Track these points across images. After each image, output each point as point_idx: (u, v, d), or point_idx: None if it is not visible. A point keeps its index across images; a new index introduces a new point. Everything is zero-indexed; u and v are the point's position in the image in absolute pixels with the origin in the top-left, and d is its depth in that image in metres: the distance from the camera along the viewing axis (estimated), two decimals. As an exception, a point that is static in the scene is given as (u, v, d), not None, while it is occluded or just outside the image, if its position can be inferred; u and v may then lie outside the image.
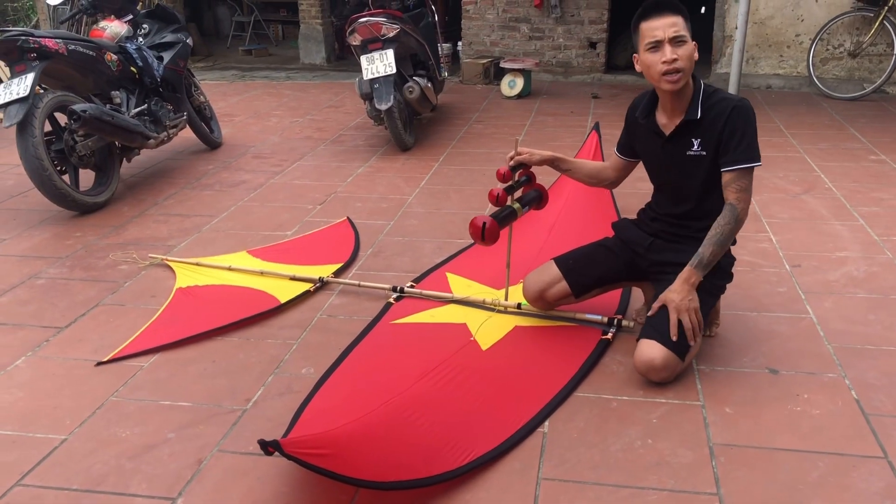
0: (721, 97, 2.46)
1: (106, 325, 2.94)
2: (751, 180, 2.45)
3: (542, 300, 2.78)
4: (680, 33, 2.36)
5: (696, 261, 2.42)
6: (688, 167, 2.51)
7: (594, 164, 2.94)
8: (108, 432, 2.28)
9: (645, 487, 2.00)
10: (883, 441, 2.16)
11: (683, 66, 2.37)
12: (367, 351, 2.69)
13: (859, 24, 6.93)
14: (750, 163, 2.41)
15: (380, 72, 4.98)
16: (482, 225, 2.57)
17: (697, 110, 2.44)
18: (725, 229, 2.41)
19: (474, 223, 2.59)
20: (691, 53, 2.39)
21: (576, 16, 7.86)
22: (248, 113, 6.84)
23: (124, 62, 4.52)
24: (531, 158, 2.75)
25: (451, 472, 2.02)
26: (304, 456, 1.83)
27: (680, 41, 2.37)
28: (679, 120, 2.48)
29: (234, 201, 4.39)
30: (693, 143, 2.48)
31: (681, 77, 2.38)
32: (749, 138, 2.41)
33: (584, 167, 2.90)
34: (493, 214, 2.64)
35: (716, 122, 2.42)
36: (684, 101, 2.46)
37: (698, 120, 2.45)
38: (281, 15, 11.77)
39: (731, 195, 2.44)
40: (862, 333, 2.76)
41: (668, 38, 2.36)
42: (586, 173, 2.89)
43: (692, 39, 2.41)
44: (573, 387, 2.45)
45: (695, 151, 2.48)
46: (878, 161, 4.89)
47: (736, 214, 2.42)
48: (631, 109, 2.69)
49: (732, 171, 2.42)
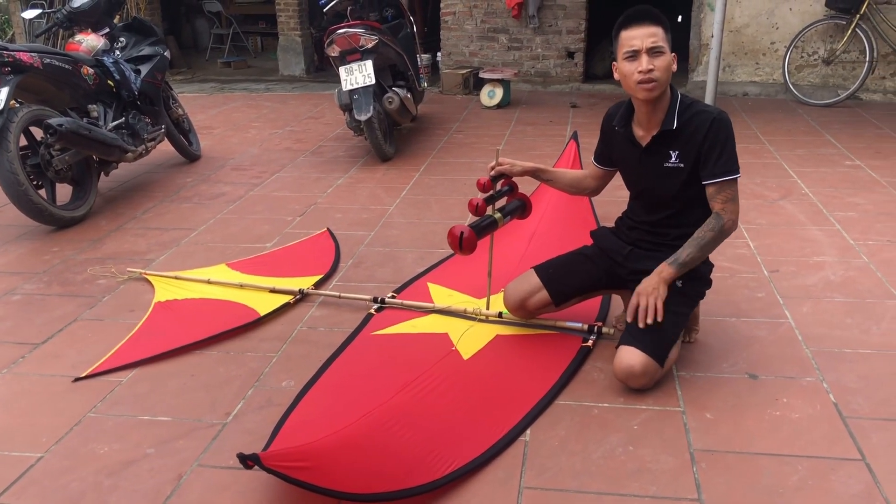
0: (699, 109, 2.47)
1: (84, 341, 2.91)
2: (736, 191, 2.46)
3: (523, 309, 2.79)
4: (658, 44, 2.37)
5: (673, 258, 2.45)
6: (665, 178, 2.52)
7: (575, 174, 2.95)
8: (85, 449, 2.25)
9: (627, 494, 2.00)
10: (861, 444, 2.18)
11: (659, 76, 2.38)
12: (348, 362, 2.68)
13: (832, 31, 7.03)
14: (731, 175, 2.42)
15: (359, 83, 4.99)
16: (460, 234, 2.57)
17: (674, 121, 2.45)
18: (708, 236, 2.43)
19: (452, 232, 2.59)
20: (668, 64, 2.40)
21: (553, 26, 7.91)
22: (227, 125, 6.82)
23: (101, 75, 4.49)
24: (512, 169, 2.76)
25: (433, 482, 2.02)
26: (285, 469, 1.82)
27: (657, 52, 2.37)
28: (655, 131, 2.49)
29: (213, 214, 4.37)
30: (671, 154, 2.49)
31: (655, 86, 2.39)
32: (729, 151, 2.42)
33: (564, 177, 2.91)
34: (473, 224, 2.64)
35: (695, 135, 2.43)
36: (660, 111, 2.48)
37: (675, 131, 2.46)
38: (260, 27, 11.76)
39: (717, 205, 2.45)
40: (839, 337, 2.78)
41: (645, 49, 2.37)
42: (567, 183, 2.90)
43: (672, 51, 2.42)
44: (554, 395, 2.45)
45: (672, 164, 2.49)
46: (854, 166, 4.95)
47: (721, 224, 2.43)
48: (607, 119, 2.71)
49: (715, 184, 2.44)
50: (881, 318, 2.91)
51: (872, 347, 2.71)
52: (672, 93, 2.49)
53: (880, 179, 4.64)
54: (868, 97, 7.10)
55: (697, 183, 2.48)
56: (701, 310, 2.79)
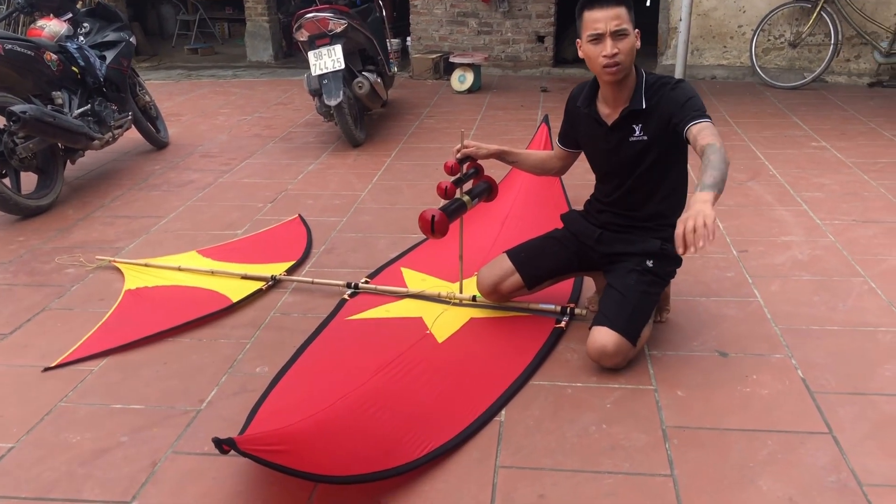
0: (661, 83, 2.48)
1: (53, 331, 2.88)
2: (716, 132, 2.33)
3: (496, 293, 2.80)
4: (622, 26, 2.37)
5: (703, 184, 2.16)
6: (630, 154, 2.53)
7: (540, 155, 2.97)
8: (57, 438, 2.23)
9: (601, 471, 2.03)
10: (828, 418, 2.22)
11: (623, 59, 2.38)
12: (323, 348, 2.67)
13: (798, 15, 7.10)
14: (704, 119, 2.33)
15: (328, 67, 4.95)
16: (431, 218, 2.58)
17: (642, 100, 2.46)
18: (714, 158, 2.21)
19: (423, 217, 2.60)
20: (632, 46, 2.40)
21: (523, 10, 7.91)
22: (194, 112, 6.74)
23: (65, 62, 4.41)
24: (478, 152, 2.77)
25: (410, 463, 2.03)
26: (261, 453, 1.82)
27: (621, 34, 2.37)
28: (622, 108, 2.50)
29: (183, 201, 4.33)
30: (635, 129, 2.50)
31: (620, 69, 2.40)
32: (695, 100, 2.38)
33: (529, 158, 2.93)
34: (443, 207, 2.64)
35: (658, 106, 2.45)
36: (626, 90, 2.49)
37: (643, 109, 2.47)
38: (227, 13, 11.59)
39: (708, 138, 2.27)
40: (807, 315, 2.83)
41: (609, 32, 2.37)
42: (532, 164, 2.92)
43: (635, 28, 2.42)
44: (528, 375, 2.47)
45: (637, 137, 2.50)
46: (820, 148, 5.02)
47: (717, 146, 2.23)
48: (571, 100, 2.71)
49: (696, 125, 2.32)
50: (847, 295, 2.97)
51: (839, 324, 2.76)
52: (637, 72, 2.50)
53: (845, 160, 4.71)
54: (833, 80, 7.20)
55: (661, 154, 2.49)
56: (672, 290, 2.83)
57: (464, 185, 2.80)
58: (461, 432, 2.18)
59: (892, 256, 3.30)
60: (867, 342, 2.63)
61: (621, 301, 2.48)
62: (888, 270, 3.17)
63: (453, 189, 2.71)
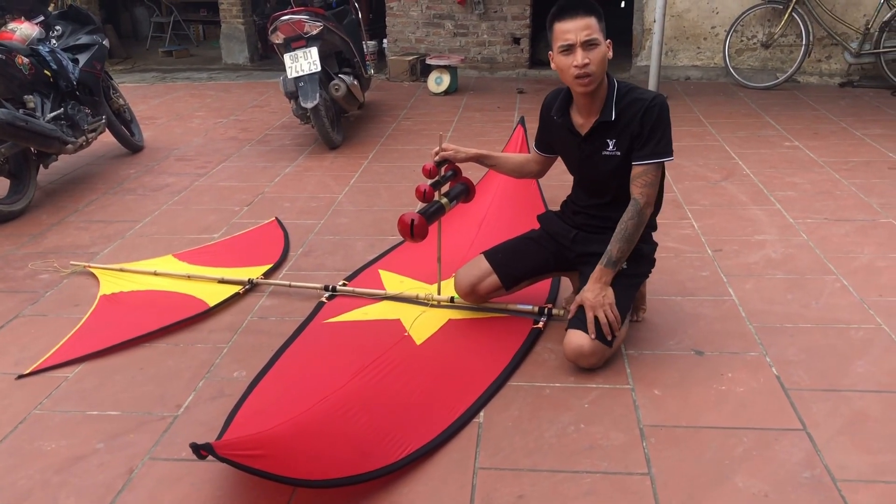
0: (635, 97, 2.48)
1: (26, 337, 2.84)
2: (658, 175, 2.49)
3: (474, 294, 2.80)
4: (592, 36, 2.37)
5: (606, 259, 2.48)
6: (604, 166, 2.56)
7: (518, 158, 2.97)
8: (32, 446, 2.20)
9: (579, 471, 2.04)
10: (802, 414, 2.25)
11: (594, 69, 2.39)
12: (300, 351, 2.67)
13: (770, 15, 7.19)
14: (660, 158, 2.46)
15: (304, 70, 4.94)
16: (410, 222, 2.58)
17: (612, 112, 2.48)
18: (629, 225, 2.46)
19: (402, 220, 2.60)
20: (604, 56, 2.41)
21: (499, 12, 7.93)
22: (170, 115, 6.69)
23: (37, 65, 4.36)
24: (456, 156, 2.77)
25: (389, 465, 2.03)
26: (238, 458, 1.81)
27: (592, 44, 2.38)
28: (594, 119, 2.52)
29: (158, 205, 4.30)
30: (608, 143, 2.52)
31: (591, 80, 2.42)
32: (661, 134, 2.44)
33: (508, 161, 2.93)
34: (421, 210, 2.65)
35: (631, 123, 2.46)
36: (598, 101, 2.50)
37: (613, 121, 2.49)
38: (201, 15, 11.53)
39: (636, 189, 2.48)
40: (781, 313, 2.87)
41: (580, 42, 2.37)
42: (511, 167, 2.93)
43: (607, 38, 2.43)
44: (507, 376, 2.48)
45: (610, 152, 2.52)
46: (793, 147, 5.08)
47: (638, 209, 2.46)
48: (545, 108, 2.72)
49: (640, 166, 2.47)
50: (820, 293, 3.01)
51: (812, 321, 2.80)
52: (609, 81, 2.51)
53: (818, 160, 4.77)
54: (805, 80, 7.29)
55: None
56: (648, 289, 2.85)
57: (442, 187, 2.81)
58: (440, 434, 2.19)
59: (864, 254, 3.35)
60: (839, 339, 2.67)
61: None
62: (860, 268, 3.21)
63: (431, 192, 2.72)
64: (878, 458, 2.06)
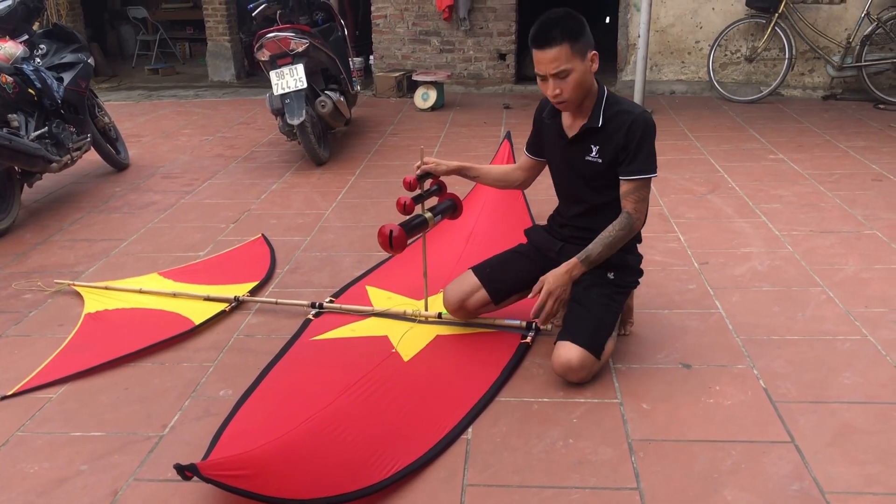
0: (622, 109, 2.50)
1: (9, 358, 2.81)
2: (648, 191, 2.52)
3: (463, 309, 2.80)
4: (561, 68, 2.37)
5: (584, 255, 2.49)
6: (585, 171, 2.58)
7: (502, 168, 2.98)
8: (14, 469, 2.17)
9: (568, 487, 2.03)
10: (790, 426, 2.25)
11: (568, 97, 2.43)
12: (287, 369, 2.65)
13: (753, 30, 7.26)
14: (647, 174, 2.48)
15: (290, 87, 4.94)
16: (389, 233, 2.57)
17: (599, 118, 2.50)
18: (618, 234, 2.48)
19: (382, 232, 2.58)
20: (579, 80, 2.40)
21: (484, 28, 7.97)
22: (155, 133, 6.67)
23: (21, 84, 4.33)
24: (437, 169, 2.77)
25: (376, 484, 2.01)
26: (224, 478, 1.80)
27: (563, 74, 2.39)
28: (582, 124, 2.54)
29: (144, 223, 4.27)
30: (592, 149, 2.54)
31: (567, 105, 2.46)
32: (646, 151, 2.46)
33: (492, 172, 2.94)
34: (403, 223, 2.64)
35: (616, 134, 2.47)
36: (586, 108, 2.52)
37: (599, 128, 2.50)
38: (187, 33, 11.54)
39: (628, 204, 2.50)
40: (767, 325, 2.87)
41: (550, 74, 2.40)
42: (495, 178, 2.93)
43: (591, 50, 2.43)
44: (495, 392, 2.47)
45: (592, 157, 2.54)
46: (777, 160, 5.11)
47: (631, 223, 2.49)
48: (539, 110, 2.75)
49: (630, 182, 2.49)
50: (806, 305, 3.02)
51: (799, 334, 2.80)
52: (599, 89, 2.53)
53: (802, 172, 4.80)
54: (789, 93, 7.36)
55: (616, 177, 2.53)
56: (635, 302, 2.85)
57: (425, 201, 2.80)
58: (428, 451, 2.17)
59: (849, 266, 3.37)
60: (826, 351, 2.68)
61: (584, 315, 2.50)
62: (845, 280, 3.23)
63: (412, 205, 2.71)
64: (866, 469, 2.06)
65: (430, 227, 2.75)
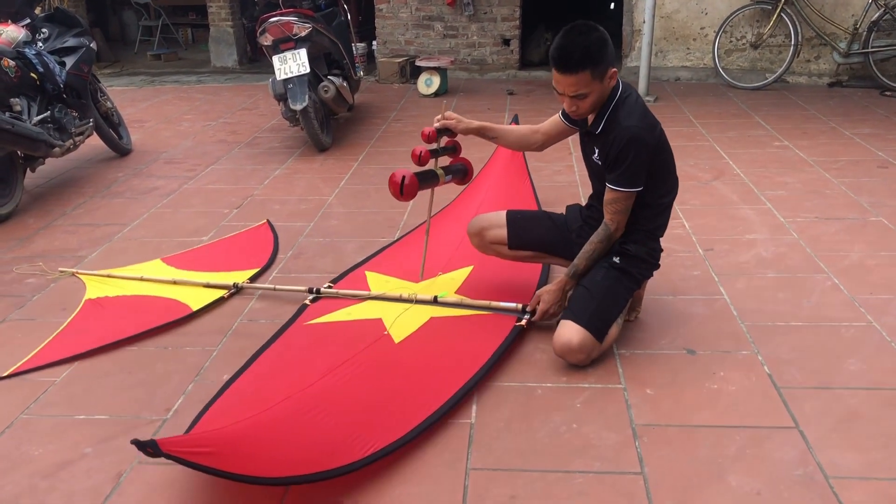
0: (619, 117, 2.46)
1: (13, 342, 2.81)
2: (628, 204, 2.52)
3: (479, 236, 2.88)
4: (580, 92, 2.39)
5: (572, 271, 2.61)
6: (594, 167, 2.65)
7: (520, 130, 2.96)
8: (19, 452, 2.18)
9: (572, 471, 2.03)
10: (794, 412, 2.25)
11: (583, 113, 2.48)
12: (278, 352, 2.63)
13: (759, 16, 7.21)
14: (622, 188, 2.48)
15: (293, 72, 4.92)
16: (402, 179, 2.56)
17: (600, 124, 2.51)
18: (598, 248, 2.57)
19: (393, 177, 2.57)
20: (595, 101, 2.44)
21: (488, 13, 7.93)
22: (158, 118, 6.66)
23: (23, 68, 4.32)
24: (458, 126, 2.79)
25: (353, 463, 1.99)
26: (187, 455, 1.78)
27: (581, 97, 2.41)
28: (591, 123, 2.57)
29: (147, 209, 4.27)
30: (594, 150, 2.58)
31: (581, 116, 2.53)
32: (633, 167, 2.44)
33: (511, 134, 2.95)
34: (416, 173, 2.64)
35: (609, 141, 2.48)
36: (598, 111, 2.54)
37: (598, 134, 2.53)
38: (190, 18, 11.48)
39: (607, 214, 2.54)
40: (772, 311, 2.87)
41: (567, 94, 2.43)
42: (514, 139, 2.96)
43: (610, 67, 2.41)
44: (483, 375, 2.44)
45: (596, 159, 2.59)
46: (782, 147, 5.09)
47: (609, 233, 2.55)
48: None
49: (611, 191, 2.51)
50: (811, 291, 3.01)
51: (803, 320, 2.80)
52: (612, 93, 2.49)
53: (807, 159, 4.78)
54: (794, 80, 7.31)
55: None
56: (639, 289, 2.84)
57: (439, 158, 2.79)
58: (408, 433, 2.14)
59: (854, 252, 3.35)
60: (831, 337, 2.67)
61: (587, 296, 2.52)
62: (850, 266, 3.22)
63: (427, 155, 2.70)
64: (870, 455, 2.06)
65: (440, 183, 2.75)
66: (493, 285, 3.02)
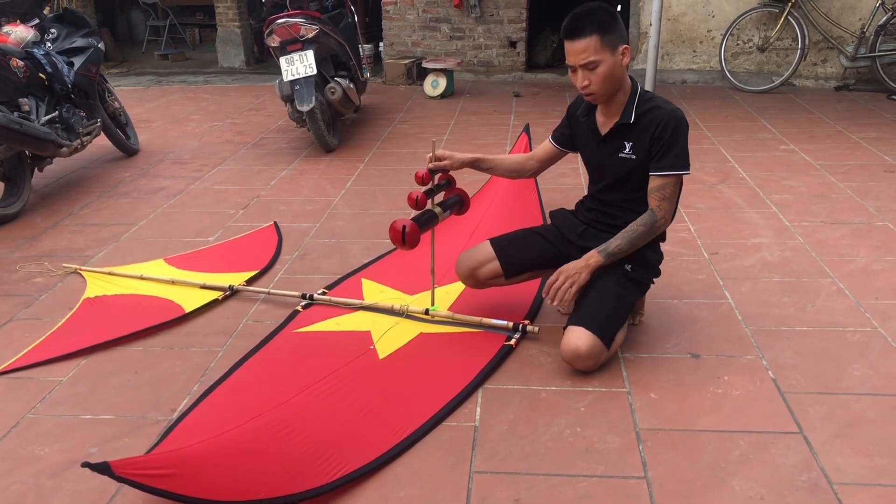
0: (656, 104, 2.48)
1: (21, 341, 2.83)
2: (676, 189, 2.50)
3: (473, 278, 2.79)
4: (590, 59, 2.36)
5: (603, 247, 2.51)
6: (619, 168, 2.56)
7: (515, 159, 2.94)
8: (25, 451, 2.19)
9: (575, 475, 2.03)
10: (798, 417, 2.25)
11: (596, 89, 2.41)
12: (262, 362, 2.59)
13: (766, 19, 7.20)
14: (677, 171, 2.46)
15: (300, 73, 4.94)
16: (402, 228, 2.54)
17: (631, 115, 2.48)
18: (639, 230, 2.48)
19: (394, 227, 2.55)
20: (608, 72, 2.39)
21: (495, 15, 7.93)
22: (165, 118, 6.68)
23: (32, 68, 4.34)
24: (450, 164, 2.73)
25: (320, 487, 1.94)
26: (141, 477, 1.74)
27: (592, 66, 2.38)
28: (614, 121, 2.52)
29: (153, 209, 4.28)
30: (625, 145, 2.52)
31: (595, 97, 2.45)
32: (679, 148, 2.44)
33: (504, 163, 2.91)
34: (414, 218, 2.62)
35: (648, 129, 2.46)
36: (618, 105, 2.51)
37: (631, 124, 2.49)
38: (197, 18, 11.54)
39: (653, 201, 2.49)
40: (777, 316, 2.86)
41: (578, 65, 2.39)
42: (508, 168, 2.91)
43: (623, 44, 2.40)
44: (463, 398, 2.38)
45: (626, 154, 2.52)
46: (788, 150, 5.08)
47: (654, 220, 2.48)
48: (572, 106, 2.72)
49: (659, 178, 2.47)
50: (816, 296, 3.01)
51: (808, 324, 2.79)
52: (633, 86, 2.51)
53: (813, 163, 4.78)
54: (801, 83, 7.30)
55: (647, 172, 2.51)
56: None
57: (435, 196, 2.78)
58: (379, 457, 2.09)
59: (859, 257, 3.35)
60: (836, 342, 2.67)
61: (598, 302, 2.49)
62: (855, 271, 3.21)
63: (424, 200, 2.69)
64: (875, 461, 2.06)
65: (440, 221, 2.73)
66: (487, 301, 2.95)
